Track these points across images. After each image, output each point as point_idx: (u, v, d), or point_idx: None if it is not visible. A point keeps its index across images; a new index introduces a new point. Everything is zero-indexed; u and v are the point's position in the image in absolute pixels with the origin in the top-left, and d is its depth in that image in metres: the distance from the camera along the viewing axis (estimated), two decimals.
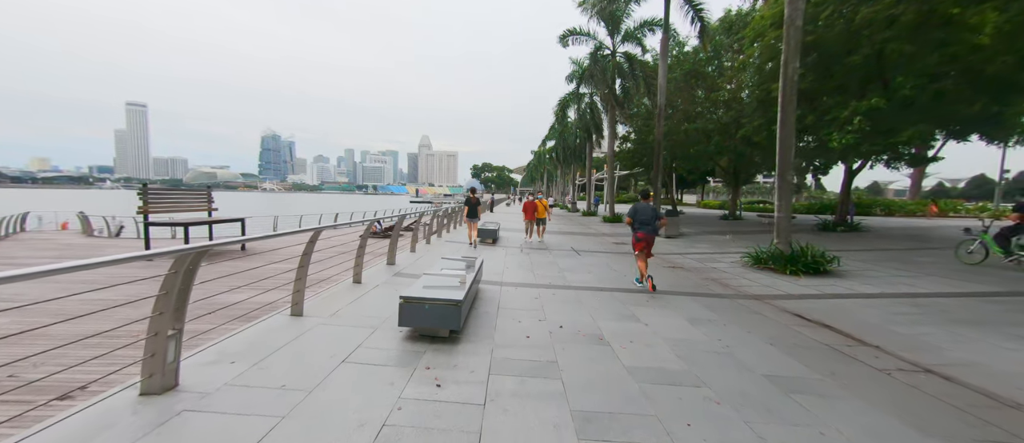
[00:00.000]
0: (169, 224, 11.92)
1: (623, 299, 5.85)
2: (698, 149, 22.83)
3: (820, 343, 4.32)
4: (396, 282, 6.05)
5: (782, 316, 5.34)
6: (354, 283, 5.65)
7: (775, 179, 8.92)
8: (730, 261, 9.70)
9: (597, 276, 7.56)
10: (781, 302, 6.05)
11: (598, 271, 8.10)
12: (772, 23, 16.24)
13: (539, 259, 9.29)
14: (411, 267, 7.43)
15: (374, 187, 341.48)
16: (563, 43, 24.39)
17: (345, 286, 5.51)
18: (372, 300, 5.01)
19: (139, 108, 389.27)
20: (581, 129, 37.26)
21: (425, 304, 3.64)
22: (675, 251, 11.52)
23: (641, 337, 4.23)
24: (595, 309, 5.25)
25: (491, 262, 8.49)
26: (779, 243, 8.67)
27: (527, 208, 12.95)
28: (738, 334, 4.49)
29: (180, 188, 17.05)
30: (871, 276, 7.77)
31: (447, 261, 5.42)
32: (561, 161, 51.28)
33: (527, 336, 4.09)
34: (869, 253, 10.69)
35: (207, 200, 13.58)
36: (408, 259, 8.30)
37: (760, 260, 8.70)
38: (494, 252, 10.05)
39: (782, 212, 8.75)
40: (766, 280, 7.57)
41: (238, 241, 3.48)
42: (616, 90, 24.94)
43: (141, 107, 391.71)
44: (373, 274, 6.46)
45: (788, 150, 8.67)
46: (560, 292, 6.14)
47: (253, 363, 2.99)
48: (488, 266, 7.88)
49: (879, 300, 6.12)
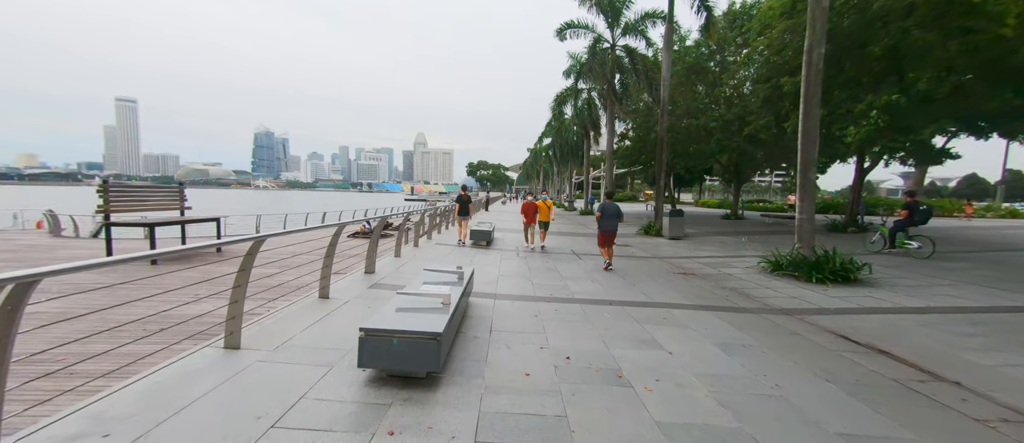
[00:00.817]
0: (132, 224, 10.93)
1: (637, 316, 5.01)
2: (699, 147, 22.09)
3: (885, 378, 3.51)
4: (372, 297, 5.17)
5: (825, 338, 4.53)
6: (320, 298, 4.77)
7: (797, 177, 8.12)
8: (745, 266, 8.91)
9: (603, 285, 6.72)
10: (817, 318, 5.25)
11: (604, 279, 7.26)
12: (782, 12, 15.47)
13: (537, 264, 8.44)
14: (393, 275, 6.55)
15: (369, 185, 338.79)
16: (561, 36, 23.48)
17: (308, 303, 4.63)
18: (337, 323, 4.13)
19: (129, 104, 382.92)
20: (578, 126, 36.43)
21: (394, 338, 2.77)
22: (683, 255, 10.72)
23: (668, 372, 3.39)
24: (606, 330, 4.40)
25: (484, 268, 7.64)
26: (801, 247, 7.88)
27: (526, 209, 10.86)
28: (784, 366, 3.66)
29: (148, 184, 15.97)
30: (906, 285, 7.00)
31: (431, 273, 4.55)
32: (558, 159, 50.39)
33: (526, 373, 3.24)
34: (892, 257, 9.95)
35: (179, 198, 12.57)
36: (391, 265, 7.41)
37: (780, 266, 7.91)
38: (487, 256, 9.19)
39: (805, 213, 7.96)
40: (791, 290, 6.78)
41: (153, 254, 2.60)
42: (615, 85, 24.10)
43: (131, 103, 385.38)
44: (346, 286, 5.57)
45: (812, 145, 7.87)
46: (563, 307, 5.30)
47: (138, 435, 2.11)
48: (480, 273, 7.02)
49: (928, 316, 5.33)
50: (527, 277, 7.12)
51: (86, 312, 3.87)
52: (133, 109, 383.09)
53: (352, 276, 6.17)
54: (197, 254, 10.77)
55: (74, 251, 11.67)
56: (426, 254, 8.99)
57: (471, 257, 8.92)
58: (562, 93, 31.74)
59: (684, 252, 11.17)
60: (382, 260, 7.77)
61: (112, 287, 5.74)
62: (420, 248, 9.66)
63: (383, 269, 6.89)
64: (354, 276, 6.16)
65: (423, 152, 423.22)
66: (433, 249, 9.84)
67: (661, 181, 16.11)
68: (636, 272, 8.09)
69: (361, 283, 5.81)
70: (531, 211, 10.84)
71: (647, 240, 13.90)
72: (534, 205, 10.90)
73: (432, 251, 9.48)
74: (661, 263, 9.43)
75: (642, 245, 12.56)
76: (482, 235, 10.75)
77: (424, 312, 3.32)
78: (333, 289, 5.23)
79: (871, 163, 15.75)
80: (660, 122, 15.84)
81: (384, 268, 6.99)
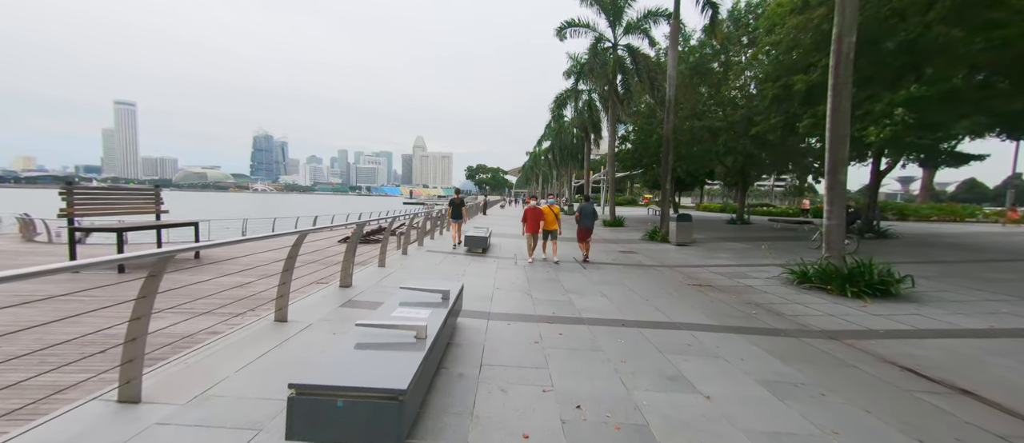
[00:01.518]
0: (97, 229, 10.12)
1: (657, 341, 4.21)
2: (703, 148, 21.39)
3: (990, 434, 2.71)
4: (342, 318, 4.36)
5: (887, 371, 3.73)
6: (275, 322, 3.95)
7: (825, 179, 7.35)
8: (765, 277, 8.11)
9: (614, 301, 5.92)
10: (868, 344, 4.45)
11: (614, 292, 6.46)
12: (792, 9, 14.80)
13: (538, 275, 7.64)
14: (373, 289, 5.74)
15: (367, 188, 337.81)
16: (560, 35, 22.78)
17: (257, 330, 3.81)
18: (285, 359, 3.31)
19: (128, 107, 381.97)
20: (579, 128, 35.73)
21: (339, 398, 1.96)
22: (694, 263, 9.92)
23: (710, 428, 2.59)
24: (623, 362, 3.60)
25: (478, 280, 6.83)
26: (831, 256, 7.11)
27: (529, 216, 9.05)
28: (855, 418, 2.85)
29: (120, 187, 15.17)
30: (953, 301, 6.22)
31: (410, 292, 3.74)
32: (557, 162, 49.73)
33: (525, 435, 2.43)
34: (925, 266, 9.16)
35: (155, 200, 11.79)
36: (373, 277, 6.60)
37: (807, 277, 7.12)
38: (483, 265, 8.38)
39: (834, 219, 7.18)
40: (826, 305, 5.98)
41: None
42: (617, 86, 23.39)
43: (130, 106, 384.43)
44: (312, 305, 4.76)
45: (841, 143, 7.11)
46: (569, 330, 4.49)
47: None
48: (473, 286, 6.22)
49: (997, 342, 4.54)
50: (526, 291, 6.32)
51: (18, 329, 3.09)
52: (132, 112, 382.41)
53: (324, 291, 5.35)
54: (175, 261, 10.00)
55: (31, 257, 10.81)
56: (415, 263, 8.18)
57: (464, 266, 8.11)
58: (562, 95, 31.02)
59: (695, 260, 10.38)
60: (365, 270, 6.97)
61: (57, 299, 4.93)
62: (409, 257, 8.84)
63: (363, 281, 6.08)
64: (326, 291, 5.35)
65: (422, 156, 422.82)
66: (423, 257, 9.03)
67: (667, 184, 15.35)
68: (647, 284, 7.29)
69: (333, 299, 5.00)
70: (535, 218, 9.05)
71: (653, 246, 13.11)
72: (539, 212, 9.10)
73: (421, 260, 8.68)
74: (672, 273, 8.64)
75: (648, 252, 11.77)
76: (477, 242, 9.94)
77: (390, 350, 2.52)
78: (296, 309, 4.42)
79: (888, 165, 15.01)
80: (666, 121, 15.10)
81: (364, 280, 6.18)
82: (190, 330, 4.21)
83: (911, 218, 24.48)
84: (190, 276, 7.53)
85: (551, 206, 9.21)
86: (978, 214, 24.44)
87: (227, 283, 6.36)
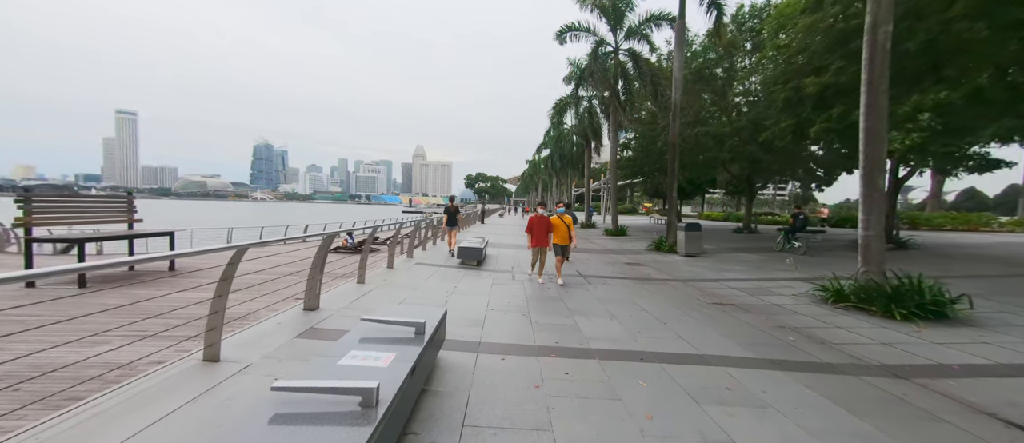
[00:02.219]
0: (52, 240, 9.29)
1: (686, 382, 3.35)
2: (709, 155, 20.67)
3: None
4: (291, 356, 3.49)
5: (993, 429, 2.87)
6: (204, 362, 3.09)
7: (859, 185, 6.55)
8: (791, 294, 7.27)
9: (627, 325, 5.06)
10: (947, 385, 3.59)
11: (625, 313, 5.61)
12: (803, 9, 14.18)
13: (537, 292, 6.79)
14: (346, 312, 4.90)
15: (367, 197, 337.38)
16: (560, 39, 22.22)
17: (178, 374, 2.94)
18: (205, 418, 2.46)
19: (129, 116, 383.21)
20: (579, 135, 35.10)
21: None
22: (708, 277, 9.08)
23: None
24: (652, 421, 2.74)
25: (469, 299, 5.98)
26: (869, 271, 6.27)
27: (536, 227, 7.60)
28: None
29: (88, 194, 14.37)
30: (1019, 324, 5.37)
31: (374, 326, 2.88)
32: (557, 170, 49.05)
33: None
34: (965, 282, 8.29)
35: (128, 209, 10.96)
36: (349, 295, 5.76)
37: (842, 295, 6.28)
38: (477, 281, 7.53)
39: (871, 229, 6.36)
40: (873, 330, 5.13)
41: None
42: (619, 91, 22.76)
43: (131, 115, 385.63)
44: (265, 333, 3.90)
45: (878, 144, 6.33)
46: (577, 366, 3.64)
47: None
48: (463, 307, 5.38)
49: None
50: (524, 312, 5.46)
51: None
52: (133, 121, 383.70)
53: (283, 316, 4.50)
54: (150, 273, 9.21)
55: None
56: (400, 278, 7.33)
57: (456, 282, 7.26)
58: (561, 101, 30.40)
59: (708, 273, 9.54)
60: (340, 288, 6.12)
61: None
62: (395, 271, 7.99)
63: (334, 302, 5.23)
64: (286, 316, 4.49)
65: (422, 164, 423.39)
66: (411, 271, 8.18)
67: (673, 192, 14.55)
68: (661, 303, 6.43)
69: (290, 327, 4.14)
70: (542, 231, 7.57)
71: (660, 258, 12.27)
72: (546, 222, 7.62)
73: (408, 274, 7.82)
74: (686, 289, 7.80)
75: (656, 264, 10.93)
76: (472, 253, 9.09)
77: (319, 427, 1.69)
78: (240, 341, 3.57)
79: (908, 172, 14.25)
80: (672, 126, 14.37)
81: (336, 301, 5.33)
82: (132, 356, 3.40)
83: (923, 227, 23.67)
84: (156, 290, 6.69)
85: (562, 215, 7.76)
86: (993, 223, 23.61)
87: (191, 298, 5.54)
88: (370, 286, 6.29)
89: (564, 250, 7.77)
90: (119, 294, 6.92)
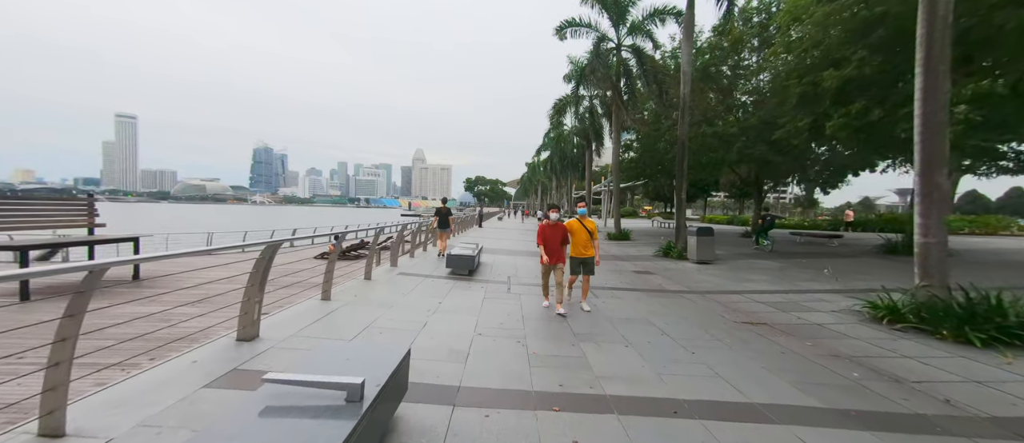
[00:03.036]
0: None
1: None
2: (715, 157, 19.74)
3: None
4: (180, 423, 2.50)
5: None
6: (39, 438, 2.09)
7: (916, 184, 5.57)
8: (831, 310, 6.27)
9: (647, 356, 4.06)
10: None
11: (642, 338, 4.61)
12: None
13: (536, 310, 5.79)
14: (290, 343, 3.90)
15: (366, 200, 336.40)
16: (560, 35, 21.31)
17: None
18: None
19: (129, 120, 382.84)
20: (580, 136, 34.21)
21: None
22: (728, 288, 8.08)
23: None
24: None
25: (454, 319, 4.98)
26: (930, 285, 5.28)
27: (549, 238, 5.59)
28: None
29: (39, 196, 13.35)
30: None
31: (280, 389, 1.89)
32: (557, 172, 48.16)
33: None
34: None
35: (88, 212, 10.00)
36: (304, 318, 4.76)
37: (898, 313, 5.29)
38: (466, 295, 6.53)
39: (931, 235, 5.38)
40: (950, 361, 4.13)
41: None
42: (621, 89, 21.83)
43: (131, 119, 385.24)
44: (167, 380, 2.90)
45: (938, 135, 5.35)
46: (589, 425, 2.64)
47: None
48: (445, 332, 4.38)
49: None
50: (519, 337, 4.46)
51: None
52: (133, 125, 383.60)
53: (209, 347, 3.50)
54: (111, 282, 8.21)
55: None
56: (375, 293, 6.32)
57: (441, 297, 6.26)
58: (561, 100, 29.44)
59: (727, 284, 8.54)
60: (301, 306, 5.12)
61: None
62: (372, 283, 6.97)
63: (284, 327, 4.22)
64: (213, 348, 3.49)
65: (421, 168, 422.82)
66: (391, 283, 7.17)
67: (683, 194, 13.57)
68: (683, 323, 5.44)
69: (210, 366, 3.14)
70: (557, 242, 5.61)
71: (670, 265, 11.28)
72: (562, 229, 5.69)
73: (386, 288, 6.81)
74: (706, 303, 6.80)
75: (667, 272, 9.94)
76: (462, 262, 8.09)
77: None
78: (123, 393, 2.57)
79: None
80: (680, 123, 13.41)
81: (288, 324, 4.33)
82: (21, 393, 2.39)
83: None
84: (95, 302, 5.67)
85: (582, 219, 5.79)
86: (1012, 226, 22.57)
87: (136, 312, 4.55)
88: (337, 303, 5.29)
89: (585, 265, 5.76)
90: (57, 309, 5.95)
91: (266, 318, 4.29)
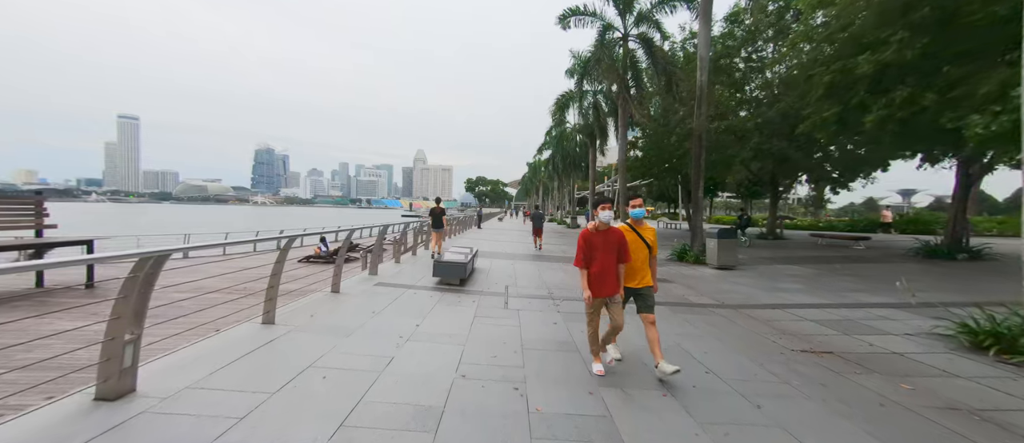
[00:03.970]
0: None
1: None
2: (728, 153, 18.52)
3: None
4: None
5: None
6: None
7: None
8: (904, 333, 5.06)
9: (697, 412, 2.86)
10: None
11: (684, 380, 3.41)
12: None
13: (536, 332, 4.61)
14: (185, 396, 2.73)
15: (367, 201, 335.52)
16: (563, 24, 20.19)
17: None
18: None
19: (131, 120, 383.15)
20: (583, 133, 32.97)
21: None
22: (763, 299, 6.87)
23: None
24: None
25: (431, 350, 3.79)
26: None
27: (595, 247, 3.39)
28: None
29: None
30: None
31: None
32: (559, 172, 46.86)
33: None
34: None
35: (35, 212, 8.96)
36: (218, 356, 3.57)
37: (1007, 342, 4.08)
38: (452, 313, 5.34)
39: None
40: None
41: None
42: (628, 82, 20.63)
43: (133, 120, 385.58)
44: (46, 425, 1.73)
45: None
46: None
47: None
48: (414, 373, 3.19)
49: None
50: (516, 381, 3.27)
51: None
52: (135, 126, 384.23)
53: (55, 407, 2.33)
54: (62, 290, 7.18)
55: None
56: (339, 311, 5.14)
57: (420, 316, 5.07)
58: (564, 96, 28.26)
59: (760, 294, 7.34)
60: (232, 331, 3.94)
61: None
62: (341, 297, 5.79)
63: (182, 371, 3.04)
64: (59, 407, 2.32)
65: (422, 168, 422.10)
66: (364, 296, 5.99)
67: (700, 191, 12.36)
68: (727, 353, 4.24)
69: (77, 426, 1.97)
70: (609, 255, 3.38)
71: (687, 271, 10.08)
72: (619, 239, 3.45)
73: (356, 302, 5.63)
74: (745, 321, 5.61)
75: (688, 280, 8.74)
76: (453, 270, 6.90)
77: None
78: None
79: (982, 167, 12.00)
80: (697, 114, 12.19)
81: (190, 367, 3.15)
82: None
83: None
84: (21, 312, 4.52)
85: (637, 224, 3.73)
86: None
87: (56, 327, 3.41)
88: (282, 329, 4.10)
89: (642, 299, 3.66)
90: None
91: (167, 356, 3.12)
